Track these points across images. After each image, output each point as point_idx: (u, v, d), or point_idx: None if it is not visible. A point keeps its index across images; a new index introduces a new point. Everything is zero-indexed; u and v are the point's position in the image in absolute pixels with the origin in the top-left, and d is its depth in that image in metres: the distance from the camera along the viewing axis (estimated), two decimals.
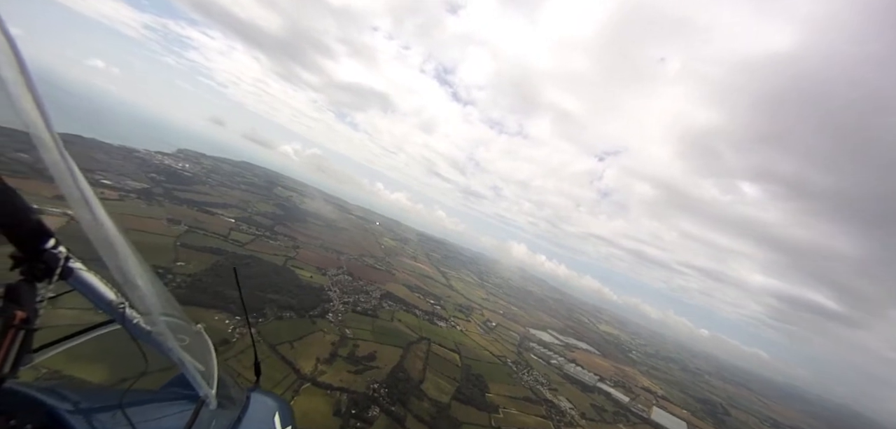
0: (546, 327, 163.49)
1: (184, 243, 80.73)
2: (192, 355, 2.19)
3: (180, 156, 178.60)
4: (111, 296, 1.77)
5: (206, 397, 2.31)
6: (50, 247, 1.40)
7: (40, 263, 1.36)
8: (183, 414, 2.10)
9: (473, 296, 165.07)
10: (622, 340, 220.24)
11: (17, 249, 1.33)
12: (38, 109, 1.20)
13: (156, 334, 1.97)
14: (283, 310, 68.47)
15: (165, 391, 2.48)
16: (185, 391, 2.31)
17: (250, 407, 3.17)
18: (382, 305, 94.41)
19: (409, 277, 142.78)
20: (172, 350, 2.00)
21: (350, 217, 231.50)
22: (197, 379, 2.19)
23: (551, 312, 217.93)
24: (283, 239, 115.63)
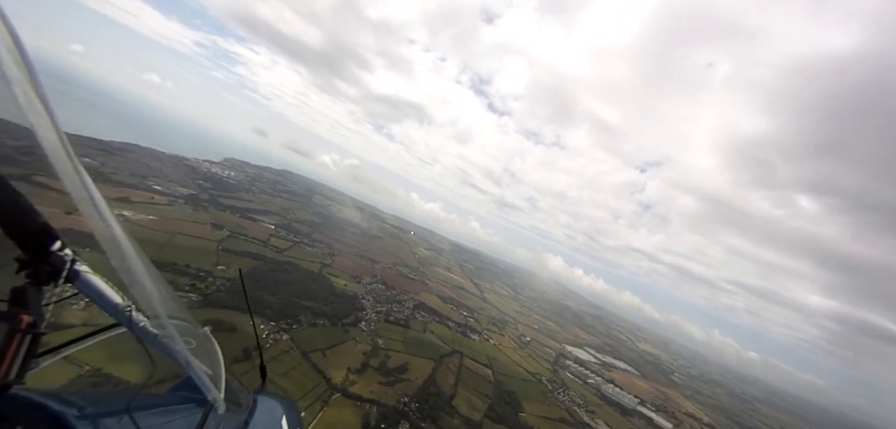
0: (583, 345, 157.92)
1: (225, 248, 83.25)
2: (200, 358, 2.15)
3: (226, 164, 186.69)
4: (117, 299, 1.75)
5: (215, 400, 2.27)
6: (56, 249, 1.37)
7: (46, 266, 1.34)
8: (191, 418, 2.11)
9: (507, 309, 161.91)
10: (663, 360, 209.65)
11: (23, 251, 1.32)
12: (43, 107, 1.19)
13: (163, 337, 1.95)
14: (317, 317, 68.89)
15: (173, 395, 2.45)
16: (193, 395, 2.29)
17: (257, 410, 3.09)
18: (415, 316, 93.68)
19: (443, 287, 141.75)
20: (180, 353, 1.99)
21: (385, 226, 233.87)
22: (205, 382, 2.17)
23: (588, 328, 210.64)
24: (320, 246, 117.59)
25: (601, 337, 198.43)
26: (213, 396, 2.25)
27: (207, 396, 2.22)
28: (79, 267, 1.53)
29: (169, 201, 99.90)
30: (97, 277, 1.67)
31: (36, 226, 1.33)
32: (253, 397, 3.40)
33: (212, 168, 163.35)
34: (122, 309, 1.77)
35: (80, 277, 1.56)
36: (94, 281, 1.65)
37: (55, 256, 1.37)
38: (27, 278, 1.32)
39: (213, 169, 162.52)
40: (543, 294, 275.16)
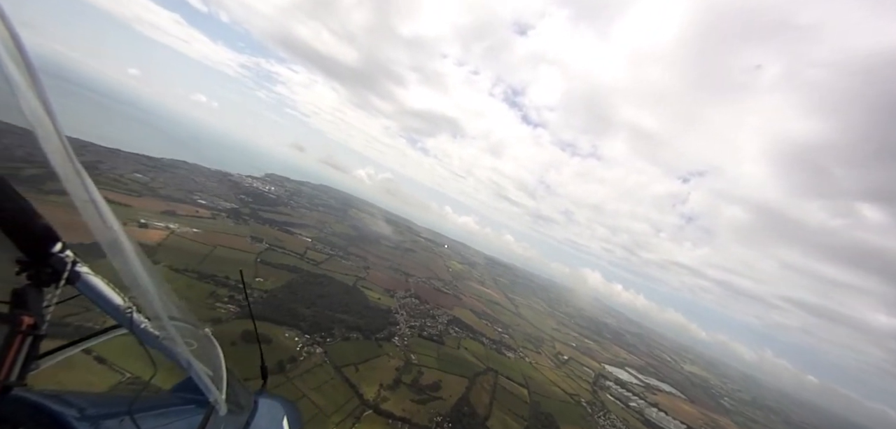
0: (624, 364, 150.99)
1: (263, 260, 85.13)
2: (201, 359, 2.16)
3: (267, 179, 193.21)
4: (118, 300, 1.76)
5: (216, 402, 2.26)
6: (57, 251, 1.38)
7: (47, 268, 1.34)
8: (192, 419, 2.11)
9: (543, 325, 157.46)
10: (711, 383, 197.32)
11: (24, 253, 1.32)
12: (44, 109, 1.19)
13: (164, 339, 1.96)
14: (351, 331, 68.77)
15: (174, 397, 2.47)
16: (194, 396, 2.30)
17: (259, 412, 3.09)
18: (449, 331, 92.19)
19: (477, 302, 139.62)
20: (181, 355, 2.00)
21: (419, 240, 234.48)
22: (206, 384, 2.17)
23: (629, 347, 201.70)
24: (355, 259, 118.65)
25: (643, 357, 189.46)
26: (214, 397, 2.23)
27: (209, 397, 2.20)
28: (80, 269, 1.54)
29: (212, 215, 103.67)
30: (98, 278, 1.67)
31: (37, 228, 1.33)
32: (254, 398, 3.29)
33: (254, 183, 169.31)
34: (124, 310, 1.78)
35: (82, 279, 1.56)
36: (95, 283, 1.65)
37: (56, 257, 1.38)
38: (28, 280, 1.32)
39: (254, 184, 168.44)
40: (581, 310, 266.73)
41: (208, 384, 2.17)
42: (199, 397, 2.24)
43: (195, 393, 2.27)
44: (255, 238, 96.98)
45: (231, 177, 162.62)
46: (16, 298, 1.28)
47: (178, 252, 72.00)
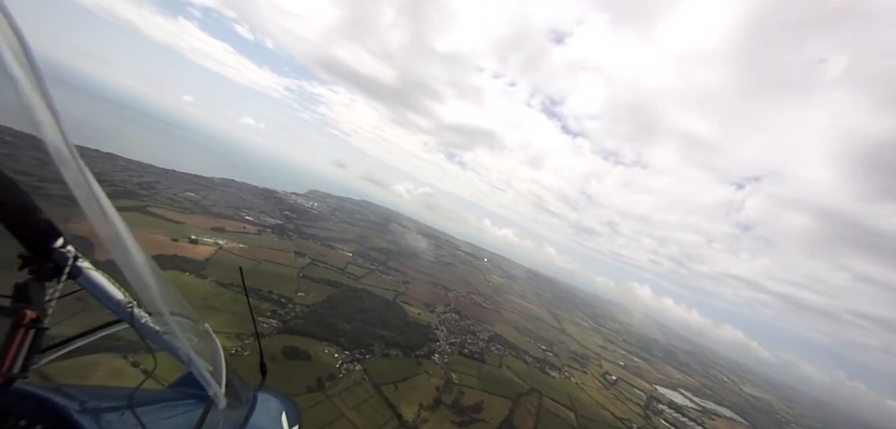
0: (677, 386, 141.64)
1: (305, 275, 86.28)
2: (201, 354, 2.20)
3: (310, 196, 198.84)
4: (119, 295, 1.79)
5: (216, 396, 2.29)
6: (58, 246, 1.41)
7: (49, 263, 1.38)
8: (192, 414, 2.13)
9: (589, 343, 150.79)
10: (775, 407, 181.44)
11: (27, 248, 1.35)
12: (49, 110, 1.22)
13: (164, 334, 2.02)
14: (390, 347, 67.78)
15: (174, 391, 2.51)
16: (194, 391, 2.33)
17: (258, 407, 3.12)
18: (490, 349, 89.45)
19: (518, 318, 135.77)
20: (181, 349, 2.04)
21: (458, 253, 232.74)
22: (206, 378, 2.20)
23: (682, 366, 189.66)
24: (394, 274, 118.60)
25: (698, 377, 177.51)
26: (214, 391, 2.24)
27: (208, 391, 2.22)
28: (81, 264, 1.57)
29: (258, 231, 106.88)
30: (99, 273, 1.71)
31: (39, 223, 1.36)
32: (253, 393, 3.29)
33: (297, 199, 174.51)
34: (124, 305, 1.81)
35: (83, 274, 1.59)
36: (97, 278, 1.69)
37: (58, 253, 1.41)
38: (30, 275, 1.35)
39: (298, 200, 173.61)
40: (628, 326, 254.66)
41: (208, 378, 2.18)
42: (199, 392, 2.26)
43: (195, 388, 2.29)
44: (298, 253, 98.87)
45: (276, 194, 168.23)
46: (18, 293, 1.30)
47: (224, 267, 74.06)
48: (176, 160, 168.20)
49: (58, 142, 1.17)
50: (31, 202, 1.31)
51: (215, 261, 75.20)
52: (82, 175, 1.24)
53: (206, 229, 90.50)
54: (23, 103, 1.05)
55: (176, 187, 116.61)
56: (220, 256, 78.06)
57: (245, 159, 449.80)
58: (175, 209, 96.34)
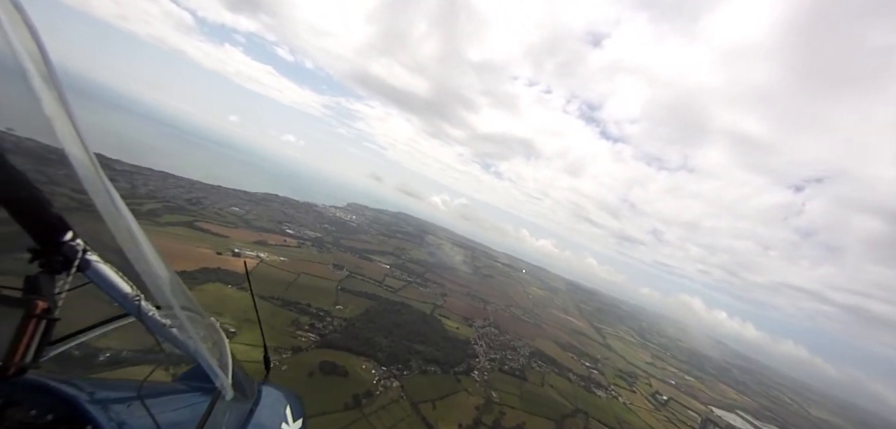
0: (734, 407, 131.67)
1: (344, 288, 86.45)
2: (207, 347, 2.25)
3: (349, 209, 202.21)
4: (127, 289, 1.81)
5: (223, 387, 2.36)
6: (68, 240, 1.45)
7: (59, 256, 1.41)
8: (199, 405, 2.18)
9: (636, 359, 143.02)
10: None
11: (36, 241, 1.38)
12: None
13: (171, 327, 2.06)
14: (428, 363, 66.04)
15: (181, 383, 2.56)
16: (200, 384, 2.42)
17: (262, 400, 3.17)
18: (531, 365, 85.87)
19: (560, 332, 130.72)
20: (188, 342, 2.10)
21: (496, 265, 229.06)
22: (213, 369, 2.26)
23: (739, 385, 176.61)
24: (432, 286, 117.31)
25: (757, 397, 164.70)
26: (220, 382, 2.30)
27: (215, 382, 2.28)
28: (90, 257, 1.60)
29: (298, 244, 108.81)
30: (108, 266, 1.73)
31: (49, 217, 1.39)
32: (258, 387, 3.35)
33: (336, 213, 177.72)
34: (132, 299, 1.84)
35: (92, 267, 1.62)
36: (105, 271, 1.71)
37: (67, 246, 1.44)
38: (40, 268, 1.38)
39: (337, 213, 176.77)
40: (676, 341, 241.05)
41: (215, 370, 2.23)
42: (205, 384, 2.33)
43: (201, 381, 2.38)
44: (336, 266, 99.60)
45: (316, 207, 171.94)
46: (29, 285, 1.33)
47: (265, 280, 75.18)
48: (222, 177, 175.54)
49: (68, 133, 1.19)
50: (41, 196, 1.34)
51: (257, 274, 76.50)
52: (94, 168, 1.27)
53: (248, 243, 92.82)
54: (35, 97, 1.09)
55: (222, 203, 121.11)
56: (262, 269, 79.43)
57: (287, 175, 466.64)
58: (220, 223, 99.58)
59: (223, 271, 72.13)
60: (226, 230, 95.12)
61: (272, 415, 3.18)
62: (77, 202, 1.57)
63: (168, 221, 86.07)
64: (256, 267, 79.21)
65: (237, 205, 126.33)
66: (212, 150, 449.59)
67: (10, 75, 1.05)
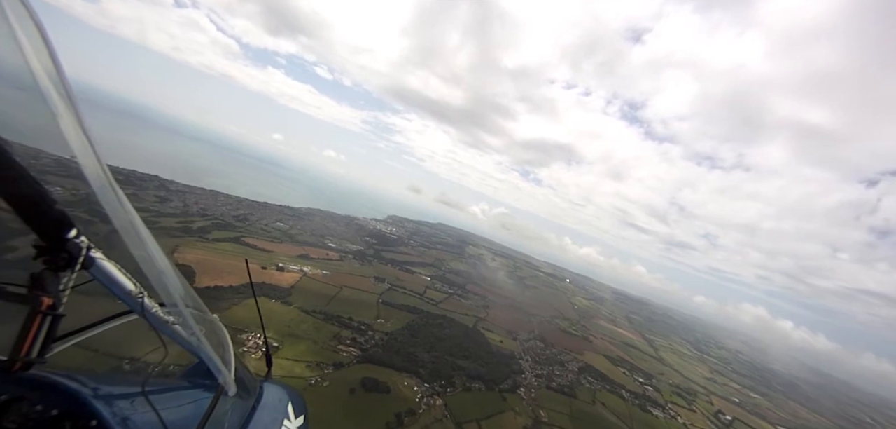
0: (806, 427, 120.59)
1: (385, 301, 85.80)
2: (210, 344, 2.28)
3: (389, 221, 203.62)
4: (130, 286, 1.84)
5: (226, 383, 2.38)
6: (72, 237, 1.46)
7: (63, 253, 1.43)
8: (202, 401, 2.20)
9: (693, 374, 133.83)
10: None
11: (41, 238, 1.39)
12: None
13: (174, 324, 2.10)
14: (473, 380, 63.60)
15: (184, 380, 2.58)
16: (203, 380, 2.44)
17: (264, 397, 3.17)
18: (581, 382, 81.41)
19: (610, 345, 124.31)
20: (191, 339, 2.14)
21: (539, 275, 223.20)
22: (217, 365, 2.29)
23: (810, 402, 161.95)
24: (473, 298, 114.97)
25: (832, 417, 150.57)
26: (223, 378, 2.32)
27: (218, 378, 2.31)
28: (94, 254, 1.61)
29: (340, 257, 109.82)
30: (111, 264, 1.75)
31: (53, 214, 1.40)
32: (260, 384, 3.34)
33: (377, 225, 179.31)
34: (135, 296, 1.86)
35: (96, 264, 1.64)
36: (109, 268, 1.73)
37: (72, 243, 1.46)
38: (44, 265, 1.40)
39: (378, 226, 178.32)
40: (737, 354, 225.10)
41: (218, 366, 2.27)
42: (208, 381, 2.36)
43: (204, 377, 2.41)
44: (378, 278, 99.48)
45: (357, 221, 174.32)
46: (34, 282, 1.35)
47: (308, 294, 75.65)
48: (268, 194, 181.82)
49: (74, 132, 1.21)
50: (45, 193, 1.35)
51: (300, 288, 77.17)
52: (99, 166, 1.28)
53: (292, 257, 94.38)
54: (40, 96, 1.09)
55: (267, 218, 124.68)
56: (304, 283, 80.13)
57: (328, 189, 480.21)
58: (266, 238, 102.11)
59: (268, 286, 73.22)
60: (271, 245, 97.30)
61: (274, 411, 3.16)
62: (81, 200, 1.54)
63: (216, 237, 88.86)
64: (299, 281, 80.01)
65: (282, 220, 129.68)
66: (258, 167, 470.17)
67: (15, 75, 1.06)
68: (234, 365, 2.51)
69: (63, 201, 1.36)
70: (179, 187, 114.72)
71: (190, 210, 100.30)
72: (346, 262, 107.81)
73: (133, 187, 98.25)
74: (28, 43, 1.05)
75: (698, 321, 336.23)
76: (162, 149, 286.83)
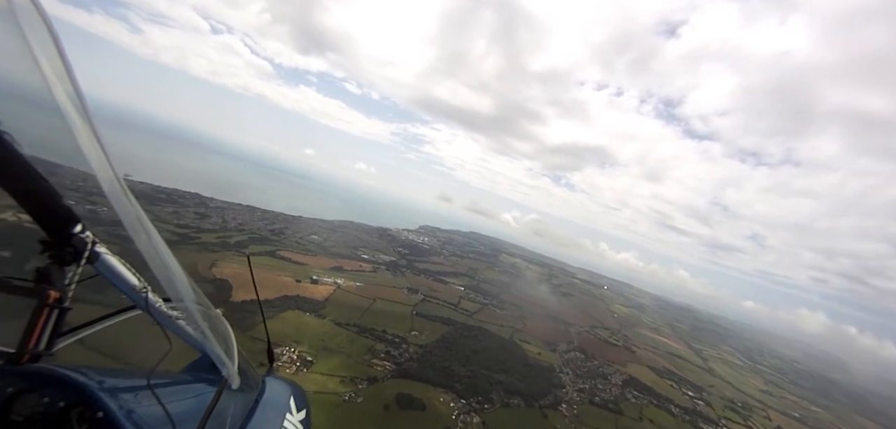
0: None
1: (419, 313, 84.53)
2: (214, 338, 2.35)
3: (421, 231, 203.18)
4: (135, 281, 1.89)
5: (230, 376, 2.42)
6: (78, 232, 1.50)
7: (69, 248, 1.47)
8: (205, 395, 2.23)
9: (746, 386, 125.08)
10: None
11: (47, 233, 1.43)
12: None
13: (178, 318, 2.15)
14: (511, 395, 61.13)
15: (188, 373, 2.63)
16: (206, 375, 2.47)
17: (266, 391, 3.22)
18: (626, 396, 77.02)
19: (654, 355, 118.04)
20: (194, 334, 2.20)
21: (575, 282, 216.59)
22: (220, 358, 2.34)
23: (880, 416, 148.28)
24: (509, 308, 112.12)
25: None
26: (227, 372, 2.37)
27: (223, 371, 2.35)
28: (99, 249, 1.65)
29: (373, 268, 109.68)
30: (116, 259, 1.79)
31: (59, 209, 1.43)
32: (263, 379, 3.39)
33: (409, 236, 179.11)
34: (139, 291, 1.90)
35: (101, 259, 1.68)
36: (113, 263, 1.77)
37: (77, 238, 1.49)
38: (50, 259, 1.44)
39: (410, 236, 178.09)
40: (793, 363, 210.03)
41: (222, 359, 2.31)
42: (211, 375, 2.40)
43: (207, 371, 2.45)
44: (411, 289, 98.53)
45: (390, 232, 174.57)
46: (40, 276, 1.39)
47: (342, 307, 75.34)
48: (302, 207, 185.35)
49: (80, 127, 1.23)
50: (51, 188, 1.37)
51: (333, 300, 77.00)
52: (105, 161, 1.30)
53: (326, 269, 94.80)
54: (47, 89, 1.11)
55: (302, 231, 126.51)
56: (338, 296, 79.98)
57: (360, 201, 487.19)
58: (300, 251, 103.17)
59: (302, 299, 73.34)
60: (305, 258, 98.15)
61: (277, 405, 3.20)
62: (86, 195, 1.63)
63: (253, 251, 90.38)
64: (333, 294, 79.94)
65: (316, 233, 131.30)
66: (292, 182, 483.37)
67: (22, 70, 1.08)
68: (237, 359, 2.49)
69: (69, 197, 1.38)
70: (218, 204, 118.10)
71: (228, 225, 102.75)
72: (379, 273, 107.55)
73: (175, 205, 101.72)
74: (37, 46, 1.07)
75: (747, 328, 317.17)
76: (202, 167, 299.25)
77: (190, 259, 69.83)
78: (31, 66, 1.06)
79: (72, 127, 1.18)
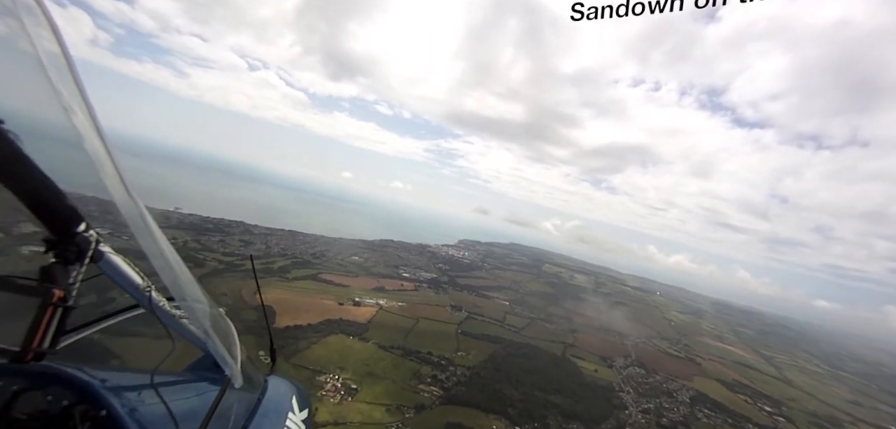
0: None
1: (464, 331, 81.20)
2: (217, 337, 2.33)
3: (461, 246, 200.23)
4: (138, 280, 1.88)
5: (233, 375, 2.41)
6: (82, 231, 1.50)
7: (73, 247, 1.46)
8: (208, 394, 2.26)
9: (831, 396, 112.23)
10: None
11: (51, 232, 1.43)
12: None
13: (181, 318, 2.17)
14: (569, 420, 56.51)
15: (191, 372, 2.68)
16: (209, 374, 2.51)
17: (269, 390, 3.23)
18: (696, 415, 69.88)
19: (722, 367, 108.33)
20: (198, 333, 2.20)
21: (625, 289, 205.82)
22: (224, 358, 2.34)
23: None
24: (558, 322, 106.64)
25: None
26: (230, 371, 2.36)
27: (226, 370, 2.35)
28: (103, 248, 1.65)
29: (415, 287, 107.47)
30: (120, 258, 1.80)
31: (63, 208, 1.44)
32: (265, 378, 3.39)
33: (449, 251, 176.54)
34: (143, 290, 1.91)
35: (104, 258, 1.68)
36: (117, 262, 1.78)
37: (81, 237, 1.50)
38: (54, 258, 1.44)
39: (450, 251, 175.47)
40: (880, 367, 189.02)
41: (225, 358, 2.30)
42: (214, 375, 2.42)
43: (210, 370, 2.48)
44: (454, 307, 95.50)
45: (429, 248, 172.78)
46: (44, 274, 1.39)
47: (385, 328, 73.32)
48: (342, 229, 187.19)
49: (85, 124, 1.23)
50: (55, 187, 1.38)
51: (376, 322, 75.16)
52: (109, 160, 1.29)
53: (367, 290, 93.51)
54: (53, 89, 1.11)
55: (343, 253, 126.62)
56: (381, 317, 78.12)
57: (398, 220, 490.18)
58: (342, 273, 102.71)
59: (345, 322, 71.96)
60: (347, 279, 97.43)
61: (279, 405, 3.21)
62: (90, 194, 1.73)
63: (295, 275, 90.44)
64: (375, 315, 78.18)
65: (356, 253, 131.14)
66: (331, 205, 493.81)
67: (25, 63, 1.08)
68: (240, 358, 2.47)
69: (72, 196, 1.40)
70: (262, 230, 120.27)
71: (271, 251, 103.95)
72: (420, 291, 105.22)
73: (221, 234, 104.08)
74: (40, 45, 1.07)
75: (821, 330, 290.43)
76: (246, 197, 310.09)
77: (235, 286, 70.08)
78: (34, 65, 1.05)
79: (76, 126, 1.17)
